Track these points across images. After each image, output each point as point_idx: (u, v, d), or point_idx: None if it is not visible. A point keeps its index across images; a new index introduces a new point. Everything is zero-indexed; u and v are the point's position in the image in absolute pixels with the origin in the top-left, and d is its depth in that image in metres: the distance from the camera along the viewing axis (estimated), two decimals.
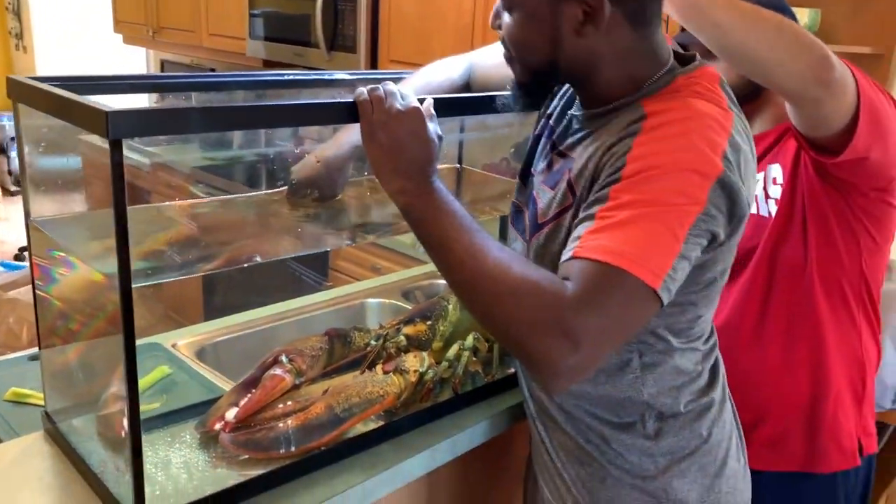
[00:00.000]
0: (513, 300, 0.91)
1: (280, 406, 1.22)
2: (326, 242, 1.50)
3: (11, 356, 1.73)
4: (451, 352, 1.39)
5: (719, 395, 1.19)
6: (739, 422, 1.27)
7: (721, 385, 1.20)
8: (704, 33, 1.15)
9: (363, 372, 1.31)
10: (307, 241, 1.37)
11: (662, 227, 0.92)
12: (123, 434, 1.02)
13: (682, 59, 1.10)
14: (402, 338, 1.39)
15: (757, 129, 1.50)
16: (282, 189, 1.41)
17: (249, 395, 1.21)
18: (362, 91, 1.04)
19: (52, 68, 6.80)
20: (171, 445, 1.20)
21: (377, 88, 1.04)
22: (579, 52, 1.04)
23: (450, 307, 1.47)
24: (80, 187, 1.21)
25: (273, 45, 3.61)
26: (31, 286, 1.23)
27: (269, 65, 3.77)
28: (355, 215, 1.47)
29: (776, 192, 1.42)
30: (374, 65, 3.18)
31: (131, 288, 0.94)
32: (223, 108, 1.00)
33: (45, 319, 1.23)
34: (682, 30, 1.32)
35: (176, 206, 1.42)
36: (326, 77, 1.50)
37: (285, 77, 1.44)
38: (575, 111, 1.15)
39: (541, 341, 0.88)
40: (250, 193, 1.50)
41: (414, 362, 1.31)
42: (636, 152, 0.96)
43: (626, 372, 1.12)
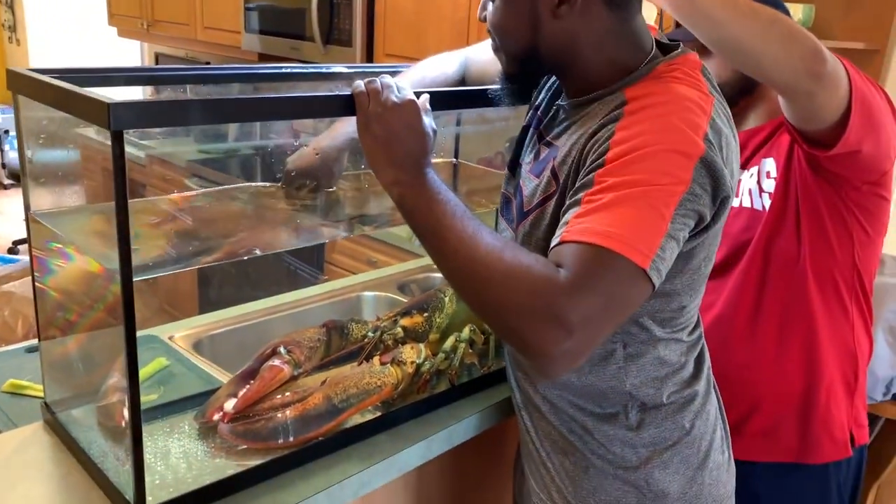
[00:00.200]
0: (505, 286, 0.91)
1: (278, 397, 1.23)
2: (323, 234, 1.50)
3: (9, 348, 1.73)
4: (448, 343, 1.40)
5: (703, 387, 1.20)
6: (725, 415, 1.27)
7: (706, 377, 1.21)
8: (698, 27, 1.16)
9: (361, 363, 1.33)
10: (304, 233, 1.37)
11: (648, 207, 0.93)
12: (124, 424, 1.03)
13: (667, 50, 1.11)
14: (400, 329, 1.40)
15: (751, 123, 1.51)
16: (277, 181, 1.41)
17: (248, 385, 1.22)
18: (359, 83, 1.05)
19: (45, 61, 6.78)
20: (170, 436, 1.21)
21: (374, 81, 1.05)
22: (558, 35, 1.05)
23: (446, 299, 1.48)
24: (79, 179, 1.22)
25: (268, 39, 3.60)
26: (31, 278, 1.24)
27: (264, 58, 3.76)
28: (351, 207, 1.47)
29: (770, 185, 1.43)
30: (369, 59, 3.19)
31: (132, 279, 0.95)
32: (223, 101, 1.01)
33: (45, 311, 1.24)
34: (677, 26, 1.34)
35: (171, 198, 1.42)
36: (324, 70, 1.51)
37: (282, 70, 1.44)
38: (561, 101, 1.16)
39: (534, 326, 0.89)
40: (245, 184, 1.50)
41: (411, 354, 1.32)
42: (618, 136, 0.97)
43: (609, 362, 1.13)
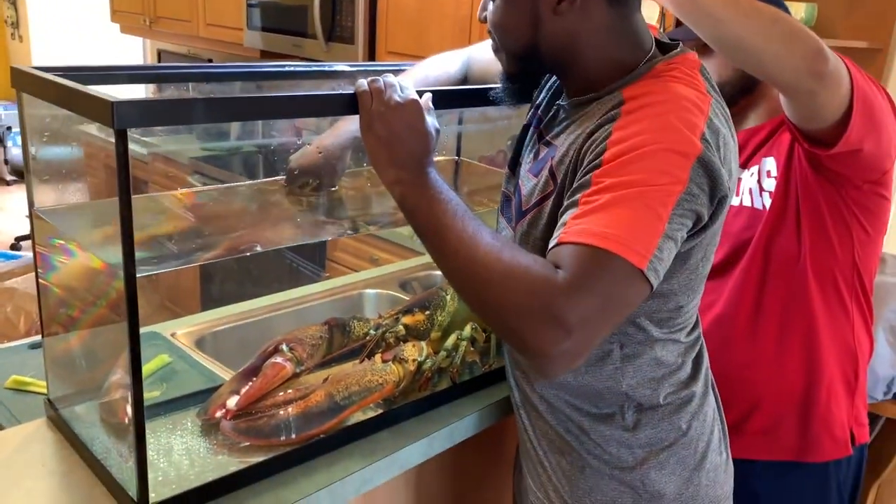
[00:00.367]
0: (503, 286, 0.91)
1: (280, 394, 1.23)
2: (326, 232, 1.50)
3: (12, 344, 1.74)
4: (449, 342, 1.40)
5: (701, 388, 1.20)
6: (724, 415, 1.28)
7: (703, 378, 1.21)
8: (699, 25, 1.16)
9: (363, 361, 1.33)
10: (307, 230, 1.38)
11: (645, 207, 0.93)
12: (127, 421, 1.03)
13: (666, 49, 1.11)
14: (401, 327, 1.40)
15: (751, 122, 1.51)
16: (279, 178, 1.42)
17: (250, 383, 1.23)
18: (362, 83, 1.06)
19: (48, 58, 6.78)
20: (172, 432, 1.21)
21: (377, 80, 1.05)
22: (558, 33, 1.05)
23: (448, 298, 1.48)
24: (83, 176, 1.22)
25: (270, 36, 3.60)
26: (35, 275, 1.24)
27: (266, 55, 3.76)
28: (354, 205, 1.48)
29: (770, 184, 1.43)
30: (371, 56, 3.19)
31: (136, 276, 0.95)
32: (227, 100, 1.01)
33: (48, 307, 1.24)
34: (678, 24, 1.34)
35: (174, 195, 1.43)
36: (326, 69, 1.51)
37: (285, 68, 1.45)
38: (562, 101, 1.17)
39: (532, 327, 0.89)
40: (248, 182, 1.51)
41: (413, 352, 1.32)
42: (615, 137, 0.98)
43: (606, 363, 1.13)
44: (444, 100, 1.14)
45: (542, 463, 1.23)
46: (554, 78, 1.22)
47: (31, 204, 1.18)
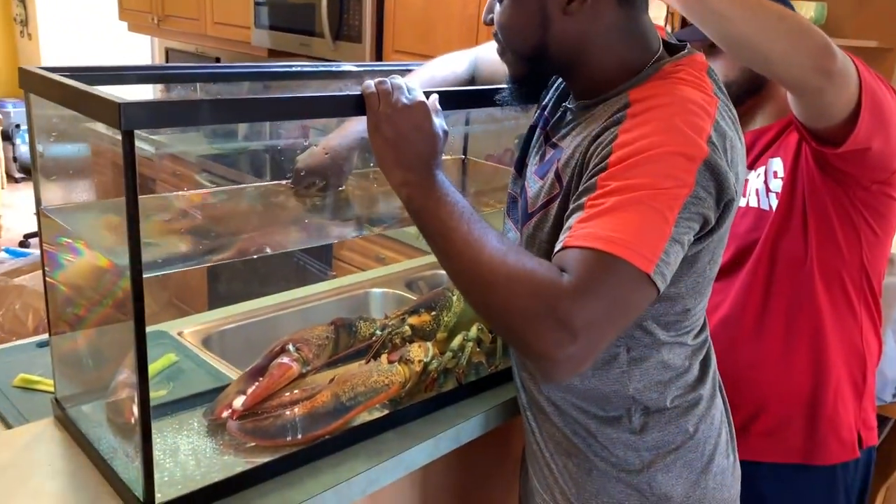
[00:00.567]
0: (508, 289, 0.90)
1: (287, 394, 1.23)
2: (332, 233, 1.50)
3: (20, 342, 1.74)
4: (455, 342, 1.40)
5: (708, 391, 1.19)
6: (731, 418, 1.27)
7: (711, 381, 1.20)
8: (706, 23, 1.15)
9: (368, 361, 1.33)
10: (314, 232, 1.38)
11: (652, 211, 0.92)
12: (133, 421, 1.03)
13: (674, 50, 1.11)
14: (407, 328, 1.40)
15: (759, 123, 1.51)
16: (287, 179, 1.42)
17: (257, 383, 1.23)
18: (369, 84, 1.05)
19: (56, 56, 6.80)
20: (179, 432, 1.22)
21: (384, 82, 1.05)
22: (568, 32, 1.05)
23: (454, 298, 1.48)
24: (90, 175, 1.23)
25: (278, 35, 3.61)
26: (42, 273, 1.24)
27: (274, 54, 3.76)
28: (361, 206, 1.48)
29: (777, 185, 1.43)
30: (378, 55, 3.19)
31: (142, 277, 0.95)
32: (234, 101, 1.02)
33: (55, 306, 1.24)
34: (684, 24, 1.33)
35: (182, 196, 1.43)
36: (333, 69, 1.51)
37: (292, 68, 1.45)
38: (569, 103, 1.16)
39: (537, 331, 0.88)
40: (255, 184, 1.51)
41: (419, 352, 1.32)
42: (621, 140, 0.97)
43: (613, 366, 1.13)
44: (451, 101, 1.14)
45: (549, 465, 1.23)
46: (561, 79, 1.22)
47: (38, 202, 1.18)
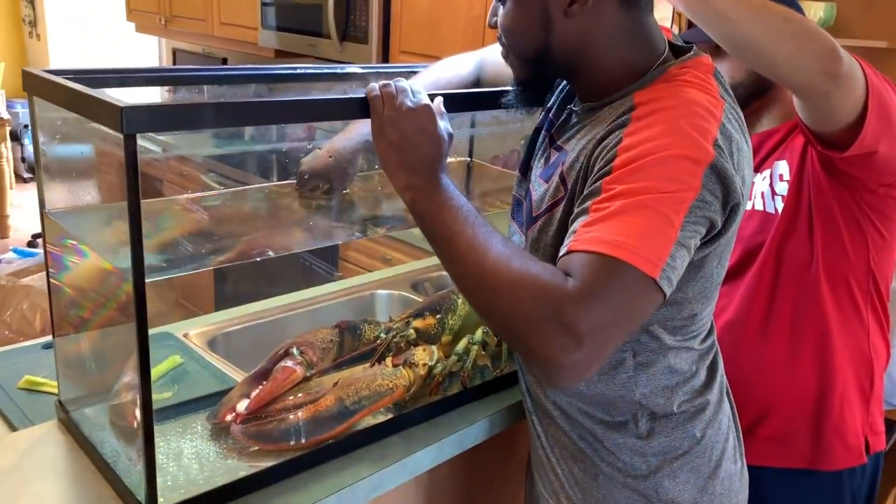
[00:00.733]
0: (512, 293, 0.90)
1: (290, 398, 1.23)
2: (336, 236, 1.50)
3: (26, 344, 1.74)
4: (460, 346, 1.40)
5: (716, 396, 1.18)
6: (739, 423, 1.26)
7: (718, 386, 1.20)
8: (711, 25, 1.14)
9: (373, 365, 1.32)
10: (318, 234, 1.37)
11: (657, 214, 0.91)
12: (136, 424, 1.03)
13: (679, 52, 1.10)
14: (412, 331, 1.39)
15: (765, 125, 1.50)
16: (291, 181, 1.41)
17: (260, 386, 1.23)
18: (374, 87, 1.05)
19: (65, 56, 6.82)
20: (182, 436, 1.21)
21: (389, 85, 1.05)
22: (570, 34, 1.04)
23: (459, 301, 1.47)
24: (95, 177, 1.22)
25: (285, 35, 3.61)
26: (46, 275, 1.24)
27: (280, 55, 3.76)
28: (366, 208, 1.47)
29: (783, 188, 1.42)
30: (385, 56, 3.18)
31: (144, 282, 0.95)
32: (236, 104, 1.01)
33: (59, 308, 1.24)
34: (690, 26, 1.32)
35: (186, 198, 1.43)
36: (339, 71, 1.51)
37: (297, 70, 1.44)
38: (573, 105, 1.16)
39: (541, 336, 0.87)
40: (260, 185, 1.51)
41: (423, 356, 1.32)
42: (626, 143, 0.96)
43: (619, 371, 1.12)
44: (456, 103, 1.14)
45: (555, 470, 1.22)
46: (565, 81, 1.21)
47: (42, 206, 1.18)
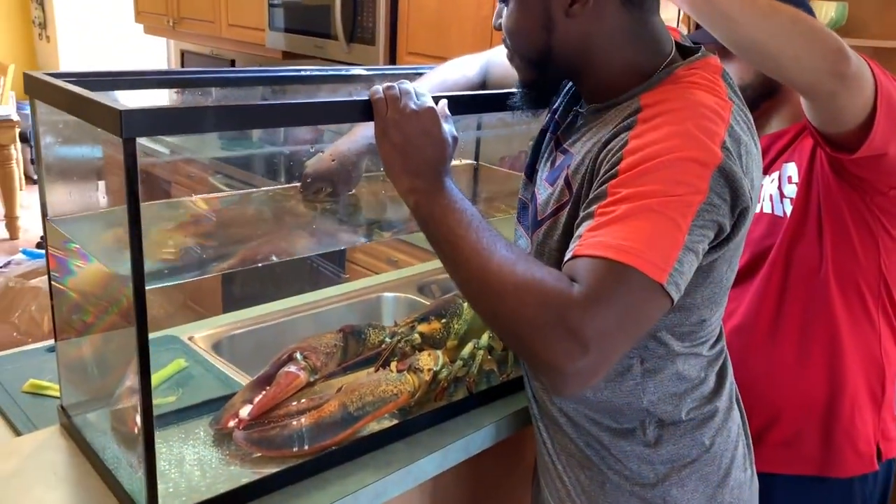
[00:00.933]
0: (517, 298, 0.88)
1: (294, 403, 1.22)
2: (342, 240, 1.49)
3: (30, 347, 1.74)
4: (466, 350, 1.38)
5: (725, 403, 1.17)
6: (748, 430, 1.25)
7: (728, 392, 1.18)
8: (716, 26, 1.13)
9: (377, 370, 1.31)
10: (323, 238, 1.36)
11: (664, 218, 0.89)
12: (136, 430, 1.02)
13: (687, 53, 1.08)
14: (417, 336, 1.38)
15: (775, 127, 1.48)
16: (296, 184, 1.40)
17: (264, 392, 1.22)
18: (377, 89, 1.04)
19: (75, 57, 6.83)
20: (185, 442, 1.20)
21: (392, 87, 1.03)
22: (571, 35, 1.03)
23: (465, 305, 1.46)
24: (99, 182, 1.22)
25: (292, 37, 3.60)
26: (48, 280, 1.24)
27: (288, 56, 3.76)
28: (371, 212, 1.46)
29: (791, 191, 1.40)
30: (392, 57, 3.17)
31: (144, 287, 0.94)
32: (235, 107, 1.00)
33: (61, 312, 1.24)
34: (697, 27, 1.31)
35: (189, 202, 1.42)
36: (344, 73, 1.50)
37: (303, 73, 1.43)
38: (580, 107, 1.14)
39: (546, 342, 0.86)
40: (264, 188, 1.50)
41: (428, 361, 1.30)
42: (632, 145, 0.95)
43: (626, 378, 1.10)
44: (460, 105, 1.13)
45: (561, 477, 1.21)
46: (571, 82, 1.20)
47: (44, 212, 1.17)
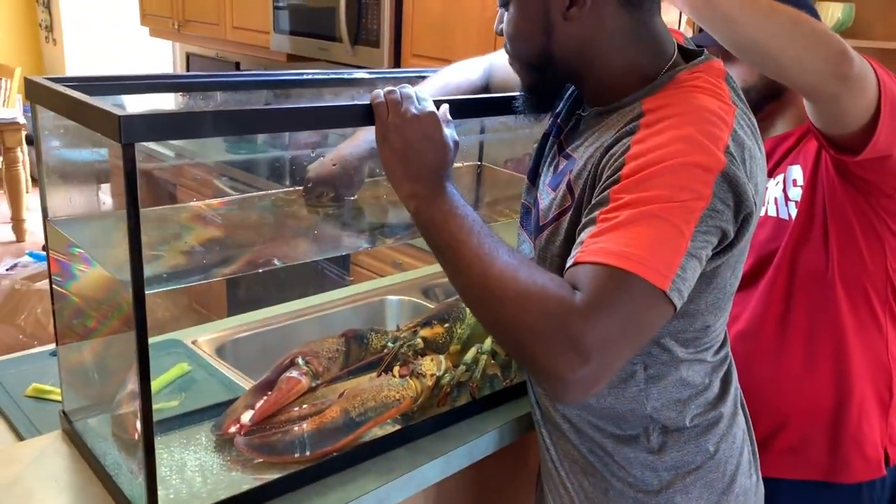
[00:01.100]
0: (518, 305, 0.87)
1: (296, 409, 1.21)
2: (343, 245, 1.48)
3: (34, 351, 1.74)
4: (469, 355, 1.37)
5: (729, 409, 1.16)
6: (754, 436, 1.24)
7: (732, 398, 1.17)
8: (716, 28, 1.12)
9: (380, 375, 1.30)
10: (325, 244, 1.36)
11: (667, 224, 0.88)
12: (137, 436, 1.02)
13: (690, 56, 1.07)
14: (420, 341, 1.37)
15: (779, 129, 1.47)
16: (299, 188, 1.40)
17: (265, 397, 1.21)
18: (378, 93, 1.03)
19: (81, 60, 6.85)
20: (186, 447, 1.20)
21: (393, 91, 1.03)
22: (571, 38, 1.03)
23: (467, 310, 1.45)
24: (100, 185, 1.21)
25: (297, 39, 3.60)
26: (49, 284, 1.23)
27: (293, 58, 3.75)
28: (374, 216, 1.45)
29: (796, 194, 1.39)
30: (397, 59, 3.17)
31: (144, 291, 0.94)
32: (235, 112, 0.99)
33: (63, 317, 1.23)
34: (699, 31, 1.30)
35: (192, 206, 1.42)
36: (346, 76, 1.49)
37: (305, 76, 1.43)
38: (582, 111, 1.13)
39: (547, 350, 0.85)
40: (266, 193, 1.49)
41: (431, 366, 1.30)
42: (634, 151, 0.94)
43: (629, 384, 1.09)
44: (462, 109, 1.12)
45: (565, 484, 1.20)
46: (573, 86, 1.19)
47: (45, 214, 1.17)
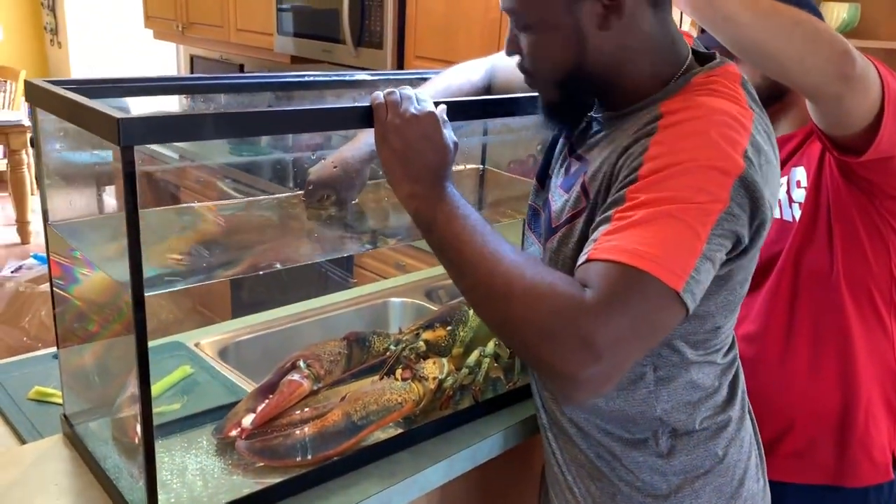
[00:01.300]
0: (525, 305, 0.86)
1: (297, 412, 1.21)
2: (345, 247, 1.48)
3: (36, 354, 1.74)
4: (472, 358, 1.37)
5: (738, 412, 1.15)
6: (760, 440, 1.23)
7: (740, 401, 1.16)
8: (718, 29, 1.11)
9: (382, 378, 1.30)
10: (326, 246, 1.35)
11: (683, 225, 0.88)
12: (137, 440, 1.01)
13: (703, 59, 1.07)
14: (422, 343, 1.36)
15: (782, 130, 1.46)
16: (301, 191, 1.39)
17: (267, 400, 1.21)
18: (378, 95, 1.03)
19: (86, 63, 6.87)
20: (187, 451, 1.19)
21: (393, 92, 1.02)
22: (606, 48, 1.01)
23: (470, 313, 1.44)
24: (101, 188, 1.21)
25: (301, 41, 3.60)
26: (50, 287, 1.23)
27: (296, 60, 3.76)
28: (376, 218, 1.45)
29: (800, 195, 1.38)
30: (400, 61, 3.17)
31: (143, 294, 0.93)
32: (235, 115, 0.99)
33: (64, 320, 1.23)
34: (702, 31, 1.29)
35: (194, 208, 1.41)
36: (348, 78, 1.49)
37: (307, 78, 1.42)
38: (594, 113, 1.12)
39: (557, 349, 0.84)
40: (268, 196, 1.49)
41: (433, 369, 1.29)
42: (653, 151, 0.93)
43: (639, 386, 1.08)
44: (461, 111, 1.11)
45: (571, 489, 1.19)
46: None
47: (45, 217, 1.17)
